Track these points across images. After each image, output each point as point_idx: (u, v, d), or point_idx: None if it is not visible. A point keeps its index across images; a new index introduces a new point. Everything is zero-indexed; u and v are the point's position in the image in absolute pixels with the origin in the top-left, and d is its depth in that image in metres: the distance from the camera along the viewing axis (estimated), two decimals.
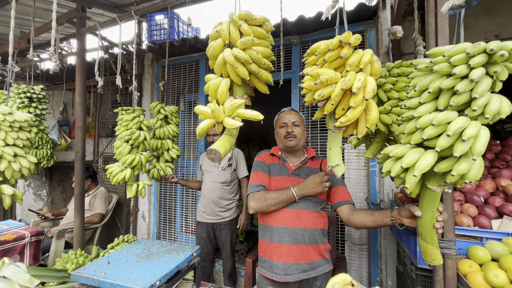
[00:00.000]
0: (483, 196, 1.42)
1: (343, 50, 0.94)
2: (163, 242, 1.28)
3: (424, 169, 0.80)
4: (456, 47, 0.78)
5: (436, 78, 0.83)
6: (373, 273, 2.21)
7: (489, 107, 0.76)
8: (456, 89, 0.75)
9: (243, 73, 1.02)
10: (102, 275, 0.92)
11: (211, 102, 1.13)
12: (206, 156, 1.07)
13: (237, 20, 1.01)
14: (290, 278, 1.30)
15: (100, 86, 2.60)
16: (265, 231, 1.40)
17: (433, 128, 0.79)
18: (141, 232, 3.29)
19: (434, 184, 0.89)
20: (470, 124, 0.75)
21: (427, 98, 0.85)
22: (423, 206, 0.96)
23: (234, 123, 0.98)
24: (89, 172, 3.02)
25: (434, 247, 0.99)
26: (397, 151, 0.89)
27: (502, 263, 1.04)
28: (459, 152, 0.75)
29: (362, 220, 1.24)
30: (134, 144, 2.07)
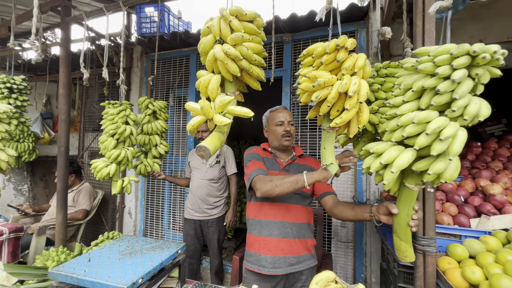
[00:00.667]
0: (463, 196, 1.47)
1: (340, 54, 0.95)
2: (148, 239, 1.26)
3: (402, 166, 0.82)
4: (441, 47, 0.80)
5: (421, 78, 0.84)
6: (358, 270, 2.26)
7: (469, 109, 0.77)
8: (438, 89, 0.76)
9: (233, 70, 1.01)
10: (81, 273, 0.90)
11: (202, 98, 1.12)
12: (196, 153, 1.06)
13: (227, 16, 1.00)
14: (278, 271, 1.32)
15: (85, 78, 2.52)
16: (254, 225, 1.41)
17: (413, 126, 0.80)
18: (127, 229, 3.23)
19: (412, 183, 0.91)
20: (449, 125, 0.76)
21: (410, 97, 0.86)
22: (400, 204, 0.98)
23: (224, 120, 0.97)
24: (73, 167, 2.93)
25: (407, 245, 1.02)
26: (378, 148, 0.91)
27: (479, 260, 1.08)
28: (437, 151, 0.76)
29: (342, 213, 1.27)
30: (120, 138, 2.02)
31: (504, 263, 0.98)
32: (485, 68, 0.80)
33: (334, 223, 2.40)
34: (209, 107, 0.97)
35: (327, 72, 0.99)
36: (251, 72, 1.07)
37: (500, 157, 1.97)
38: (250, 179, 1.32)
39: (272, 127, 1.48)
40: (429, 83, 0.79)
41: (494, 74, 0.82)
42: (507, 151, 2.02)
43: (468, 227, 1.34)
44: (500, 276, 0.93)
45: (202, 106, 0.95)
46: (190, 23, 3.38)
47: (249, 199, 1.49)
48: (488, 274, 0.99)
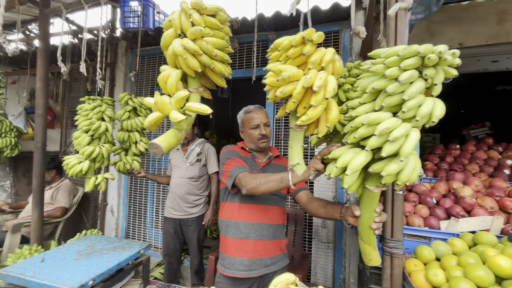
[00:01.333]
0: (436, 198, 1.48)
1: (306, 47, 0.92)
2: (112, 239, 1.23)
3: (356, 168, 0.81)
4: (391, 49, 0.79)
5: (375, 79, 0.83)
6: (337, 270, 2.26)
7: (420, 109, 0.76)
8: (386, 90, 0.76)
9: (193, 65, 0.98)
10: (30, 274, 0.86)
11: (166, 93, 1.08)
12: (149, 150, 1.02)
13: (187, 9, 0.97)
14: (253, 273, 1.31)
15: (65, 72, 2.46)
16: (231, 227, 1.37)
17: (364, 128, 0.79)
18: (109, 227, 3.18)
19: (372, 185, 0.90)
20: (400, 126, 0.75)
21: (366, 99, 0.85)
22: (362, 206, 0.97)
23: (178, 117, 0.94)
24: (55, 163, 2.86)
25: (371, 248, 1.00)
26: (335, 152, 0.90)
27: (443, 262, 1.08)
28: (386, 153, 0.76)
29: (316, 210, 1.25)
30: (94, 135, 1.97)
31: (464, 266, 0.98)
32: (439, 68, 0.79)
33: (315, 223, 2.40)
34: (164, 102, 0.95)
35: (294, 67, 0.96)
36: (213, 68, 1.04)
37: (477, 159, 1.99)
38: (234, 176, 1.25)
39: (247, 130, 1.45)
40: (379, 84, 0.78)
41: (450, 75, 0.80)
42: (485, 153, 2.04)
43: (438, 229, 1.34)
44: (459, 279, 0.92)
45: (155, 101, 0.92)
46: None
47: (225, 199, 1.44)
48: (449, 276, 0.99)
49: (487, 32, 1.91)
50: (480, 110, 3.89)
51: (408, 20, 1.05)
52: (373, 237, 0.99)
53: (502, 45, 1.87)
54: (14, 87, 4.29)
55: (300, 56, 0.97)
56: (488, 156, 2.01)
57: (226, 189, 1.40)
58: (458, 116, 4.05)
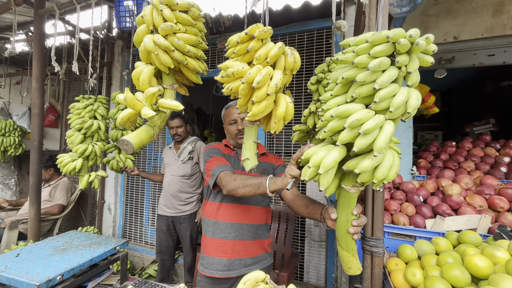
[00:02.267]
0: (423, 196, 1.44)
1: (250, 43, 0.89)
2: (91, 235, 1.24)
3: (329, 166, 0.75)
4: (360, 36, 0.75)
5: (346, 69, 0.79)
6: (329, 269, 2.23)
7: (394, 100, 0.71)
8: (355, 79, 0.71)
9: (165, 61, 0.97)
10: (1, 269, 0.88)
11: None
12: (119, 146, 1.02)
13: (157, 5, 0.96)
14: (232, 273, 1.29)
15: (61, 72, 2.50)
16: (210, 226, 1.35)
17: (335, 121, 0.74)
18: (107, 224, 3.22)
19: (348, 184, 0.83)
20: (371, 117, 0.70)
21: (337, 91, 0.81)
22: (339, 209, 0.90)
23: (148, 113, 0.93)
24: (52, 161, 2.91)
25: (350, 254, 0.92)
26: (308, 152, 0.83)
27: (423, 261, 1.05)
28: (358, 147, 0.70)
29: (299, 209, 1.22)
30: (87, 133, 2.00)
31: (442, 266, 0.95)
32: (414, 55, 0.75)
33: (308, 222, 2.38)
34: (134, 99, 0.94)
35: (242, 63, 0.92)
36: (186, 64, 1.03)
37: (473, 157, 1.93)
38: (216, 175, 1.23)
39: (226, 125, 1.43)
40: (348, 74, 0.74)
41: (426, 62, 0.76)
42: (481, 151, 1.98)
43: (424, 227, 1.31)
44: (435, 279, 0.89)
45: (125, 97, 0.92)
46: None
47: (207, 197, 1.43)
48: (426, 276, 0.96)
49: (483, 24, 1.84)
50: (485, 107, 3.77)
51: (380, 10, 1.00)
52: (351, 242, 0.90)
53: (498, 38, 1.81)
54: (17, 87, 4.39)
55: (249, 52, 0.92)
56: (485, 154, 1.95)
57: (208, 187, 1.39)
58: (462, 113, 3.93)
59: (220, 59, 2.77)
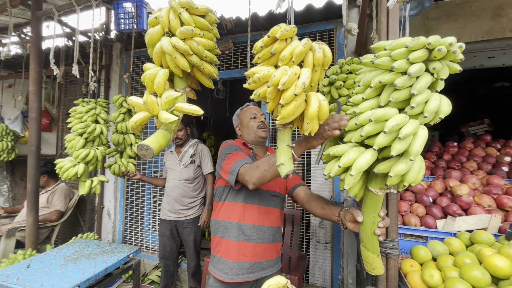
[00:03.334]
0: (432, 197, 1.45)
1: (274, 45, 0.87)
2: (102, 243, 1.21)
3: (361, 168, 0.75)
4: (397, 41, 0.75)
5: (379, 73, 0.79)
6: (335, 271, 2.23)
7: (428, 105, 0.73)
8: (395, 83, 0.72)
9: (183, 65, 0.96)
10: (13, 281, 0.84)
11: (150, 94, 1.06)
12: (137, 152, 1.00)
13: (176, 8, 0.94)
14: (251, 276, 1.26)
15: (59, 75, 2.45)
16: (230, 229, 1.28)
17: (371, 125, 0.75)
18: (106, 230, 3.15)
19: (376, 187, 0.84)
20: (408, 122, 0.72)
21: (370, 94, 0.81)
22: (365, 211, 0.90)
23: (170, 118, 0.91)
24: (46, 167, 2.83)
25: (375, 255, 0.93)
26: (337, 150, 0.84)
27: (439, 262, 1.06)
28: (396, 151, 0.71)
29: (314, 210, 1.22)
30: (89, 138, 1.95)
31: (460, 266, 0.95)
32: (444, 62, 0.76)
33: (313, 224, 2.38)
34: (154, 103, 0.92)
35: (267, 67, 0.91)
36: (202, 69, 1.02)
37: (475, 157, 1.97)
38: (236, 171, 1.15)
39: (245, 121, 1.45)
40: (386, 78, 0.74)
41: (454, 70, 0.77)
42: (482, 151, 2.02)
43: (435, 228, 1.32)
44: (455, 280, 0.90)
45: (145, 101, 0.90)
46: None
47: (223, 198, 1.34)
48: (445, 277, 0.97)
49: (483, 27, 1.88)
50: (479, 107, 3.86)
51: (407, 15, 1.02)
52: (376, 243, 0.92)
53: (498, 40, 1.85)
54: (10, 90, 4.28)
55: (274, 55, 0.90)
56: (486, 153, 1.98)
57: (225, 187, 1.33)
58: (457, 114, 4.02)
59: (222, 62, 2.76)
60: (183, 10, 0.96)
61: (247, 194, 1.29)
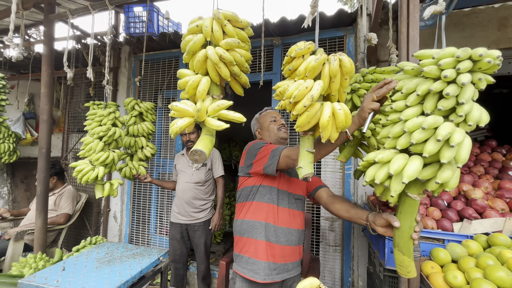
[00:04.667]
0: (446, 200, 1.50)
1: (292, 63, 0.94)
2: (129, 246, 1.22)
3: (413, 175, 0.77)
4: (446, 50, 0.78)
5: (423, 81, 0.82)
6: (346, 273, 2.26)
7: (472, 114, 0.76)
8: (447, 93, 0.74)
9: (225, 74, 1.00)
10: (54, 283, 0.85)
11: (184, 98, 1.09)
12: (189, 158, 1.02)
13: (222, 20, 0.98)
14: (278, 277, 1.29)
15: (69, 78, 2.44)
16: (258, 229, 1.30)
17: (421, 132, 0.77)
18: (112, 233, 3.13)
19: (415, 192, 0.86)
20: (456, 131, 0.74)
21: (414, 101, 0.83)
22: (402, 216, 0.91)
23: (221, 125, 0.95)
24: (55, 169, 2.81)
25: (410, 259, 0.95)
26: (383, 156, 0.85)
27: (461, 264, 1.10)
28: (447, 159, 0.74)
29: (338, 213, 1.24)
30: (108, 141, 1.96)
31: (484, 268, 0.99)
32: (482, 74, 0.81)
33: (323, 226, 2.41)
34: (205, 109, 0.95)
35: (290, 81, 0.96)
36: (239, 78, 1.06)
37: (481, 162, 2.02)
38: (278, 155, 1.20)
39: (266, 124, 1.52)
40: (436, 86, 0.77)
41: (489, 81, 0.82)
42: (488, 156, 2.08)
43: (451, 231, 1.36)
44: (480, 281, 0.94)
45: (199, 108, 0.92)
46: (180, 24, 3.34)
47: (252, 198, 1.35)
48: (469, 278, 1.00)
49: (489, 37, 1.96)
50: None
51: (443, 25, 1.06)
52: (412, 247, 0.93)
53: (504, 50, 1.92)
54: (12, 92, 4.23)
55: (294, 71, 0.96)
56: (492, 158, 2.05)
57: (253, 187, 1.34)
58: None
59: None
60: (226, 22, 1.00)
61: (277, 196, 1.33)
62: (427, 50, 0.85)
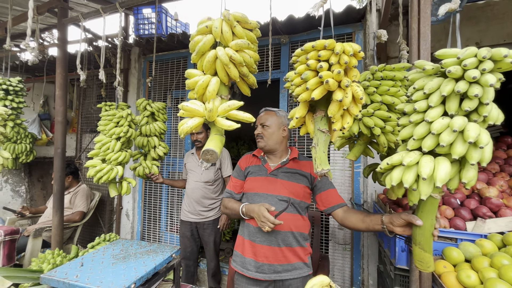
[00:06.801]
0: (459, 199, 1.47)
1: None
2: (142, 243, 1.25)
3: (446, 179, 0.77)
4: (469, 50, 0.78)
5: (445, 81, 0.81)
6: (356, 272, 2.25)
7: (492, 114, 0.77)
8: (476, 94, 0.74)
9: (234, 74, 1.01)
10: (73, 278, 0.89)
11: (193, 98, 1.11)
12: (201, 157, 1.04)
13: (232, 21, 0.99)
14: (264, 276, 1.29)
15: (82, 79, 2.51)
16: (243, 227, 1.41)
17: (451, 134, 0.76)
18: (125, 230, 3.22)
19: (436, 192, 0.86)
20: (482, 131, 0.75)
21: (437, 102, 0.82)
22: (423, 215, 0.92)
23: (232, 124, 0.97)
24: (70, 168, 2.91)
25: (431, 255, 0.96)
26: (411, 160, 0.83)
27: (474, 264, 1.08)
28: (475, 160, 0.75)
29: (355, 225, 1.22)
30: (124, 141, 2.01)
31: (499, 268, 0.97)
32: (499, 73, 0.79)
33: (332, 225, 2.40)
34: (217, 109, 0.97)
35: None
36: (248, 79, 1.07)
37: (496, 159, 1.97)
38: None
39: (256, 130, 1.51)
40: (463, 87, 0.76)
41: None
42: (504, 153, 2.02)
43: (464, 230, 1.34)
44: (495, 280, 0.92)
45: (211, 109, 0.94)
46: (188, 24, 3.37)
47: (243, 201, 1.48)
48: (483, 278, 0.99)
49: (504, 30, 1.90)
50: None
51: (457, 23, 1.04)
52: (432, 244, 0.95)
53: None
54: (28, 94, 4.39)
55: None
56: (508, 156, 1.99)
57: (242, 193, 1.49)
58: None
59: None
60: (236, 23, 1.01)
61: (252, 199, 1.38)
62: (449, 49, 0.84)
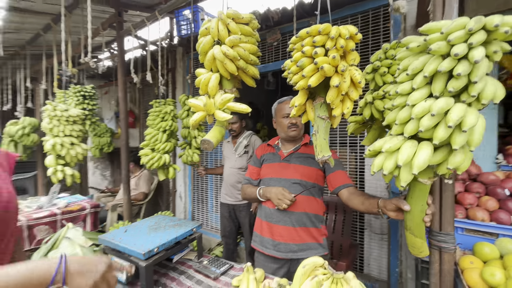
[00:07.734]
0: (510, 189, 1.25)
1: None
2: (174, 218, 1.50)
3: (423, 165, 0.72)
4: (456, 22, 0.68)
5: (430, 60, 0.73)
6: (392, 263, 2.13)
7: (485, 92, 0.68)
8: (458, 73, 0.66)
9: (231, 69, 1.10)
10: (118, 239, 1.17)
11: (201, 95, 1.25)
12: (200, 146, 1.20)
13: (225, 19, 1.08)
14: (281, 255, 1.39)
15: (137, 81, 2.96)
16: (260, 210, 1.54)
17: (431, 119, 0.71)
18: (179, 210, 3.73)
19: (425, 177, 0.82)
20: (469, 112, 0.67)
21: (421, 83, 0.75)
22: (413, 200, 0.89)
23: (225, 116, 1.08)
24: (133, 156, 3.50)
25: (423, 240, 0.94)
26: (390, 146, 0.80)
27: (505, 261, 0.95)
28: (459, 145, 0.68)
29: (357, 207, 1.23)
30: (169, 133, 2.36)
31: None
32: (498, 44, 0.68)
33: (368, 214, 2.29)
34: (212, 104, 1.09)
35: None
36: (247, 71, 1.14)
37: None
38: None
39: (279, 119, 1.50)
40: (446, 66, 0.68)
41: (505, 49, 0.69)
42: None
43: (510, 225, 1.15)
44: None
45: (205, 103, 1.08)
46: None
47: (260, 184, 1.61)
48: (509, 276, 0.87)
49: None
50: None
51: None
52: (424, 230, 0.93)
53: None
54: (106, 96, 5.35)
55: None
56: None
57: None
58: None
59: (271, 54, 2.83)
60: (230, 20, 1.09)
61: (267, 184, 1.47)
62: (436, 22, 0.74)
